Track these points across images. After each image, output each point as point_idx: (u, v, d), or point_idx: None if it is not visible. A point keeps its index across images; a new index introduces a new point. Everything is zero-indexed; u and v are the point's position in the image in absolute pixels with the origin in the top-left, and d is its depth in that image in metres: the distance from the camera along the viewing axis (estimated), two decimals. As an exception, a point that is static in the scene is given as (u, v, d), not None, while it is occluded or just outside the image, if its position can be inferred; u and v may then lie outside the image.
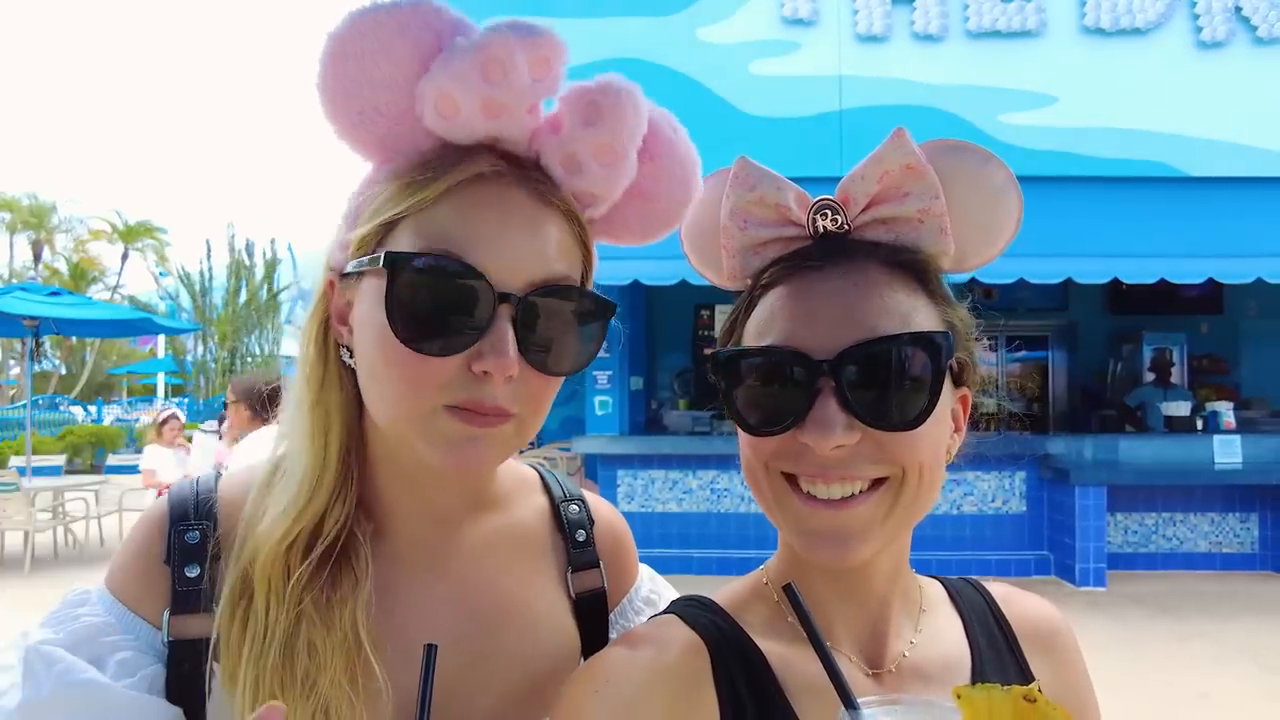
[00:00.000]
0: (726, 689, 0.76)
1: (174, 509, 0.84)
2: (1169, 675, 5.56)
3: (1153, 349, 10.33)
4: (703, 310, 10.93)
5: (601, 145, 0.81)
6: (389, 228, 0.78)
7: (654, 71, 9.28)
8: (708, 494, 8.68)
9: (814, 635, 0.69)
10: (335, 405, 0.84)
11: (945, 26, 9.27)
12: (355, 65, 0.75)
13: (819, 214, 0.80)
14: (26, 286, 12.14)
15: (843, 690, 0.66)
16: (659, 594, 1.07)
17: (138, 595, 0.80)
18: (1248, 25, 9.21)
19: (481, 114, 0.76)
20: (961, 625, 0.90)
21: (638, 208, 0.88)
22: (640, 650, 0.78)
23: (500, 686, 0.87)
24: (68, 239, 36.95)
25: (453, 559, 0.90)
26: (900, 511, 0.76)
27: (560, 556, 0.99)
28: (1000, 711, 0.59)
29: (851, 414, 0.73)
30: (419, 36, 0.75)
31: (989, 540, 8.57)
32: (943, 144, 0.79)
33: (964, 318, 0.83)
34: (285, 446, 0.87)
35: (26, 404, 11.64)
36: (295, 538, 0.79)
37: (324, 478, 0.82)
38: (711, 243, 0.87)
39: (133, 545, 0.83)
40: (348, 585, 0.80)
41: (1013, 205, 0.80)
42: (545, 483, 1.05)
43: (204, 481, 0.88)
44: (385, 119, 0.78)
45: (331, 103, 0.77)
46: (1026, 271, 7.48)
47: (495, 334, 0.75)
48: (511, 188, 0.78)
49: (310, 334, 0.85)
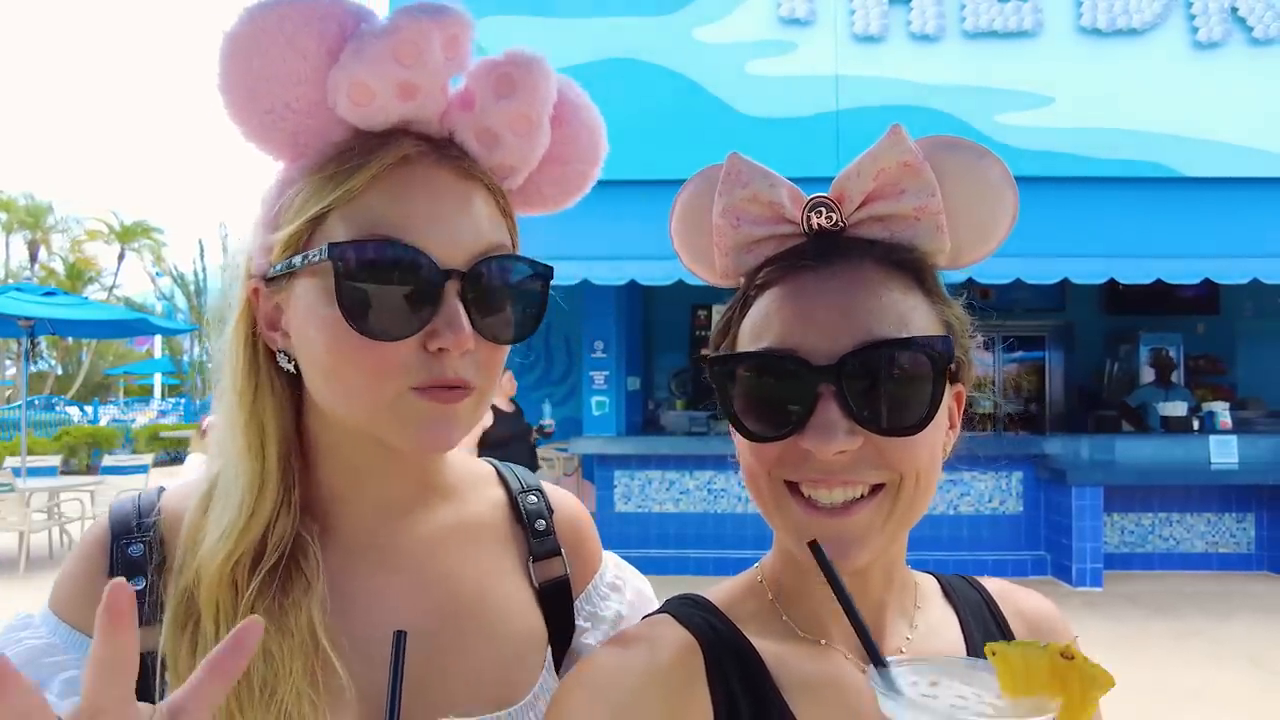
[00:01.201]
0: (721, 688, 0.75)
1: (115, 524, 0.83)
2: (1165, 674, 5.57)
3: (1149, 349, 10.35)
4: (700, 310, 10.93)
5: (517, 116, 0.81)
6: (317, 223, 0.77)
7: (650, 71, 9.29)
8: (705, 494, 8.68)
9: (841, 593, 0.68)
10: (270, 413, 0.82)
11: (942, 26, 9.28)
12: (261, 63, 0.74)
13: (813, 211, 0.79)
14: (22, 286, 12.10)
15: (871, 648, 0.66)
16: (624, 579, 1.07)
17: (82, 613, 0.78)
18: (1244, 26, 9.23)
19: (397, 98, 0.76)
20: (957, 621, 0.89)
21: (550, 173, 0.90)
22: (633, 650, 0.77)
23: (465, 674, 0.86)
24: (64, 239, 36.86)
25: (406, 551, 0.89)
26: (899, 516, 0.76)
27: (521, 546, 0.98)
28: (1036, 667, 0.57)
29: (853, 419, 0.72)
30: (323, 28, 0.74)
31: (986, 540, 8.58)
32: (939, 140, 0.78)
33: (960, 315, 0.82)
34: (220, 463, 0.84)
35: (22, 404, 11.60)
36: (240, 556, 0.78)
37: (266, 489, 0.80)
38: (702, 240, 0.85)
39: (75, 564, 0.82)
40: (300, 589, 0.79)
41: (1008, 202, 0.79)
42: (501, 476, 1.04)
43: (145, 496, 0.88)
44: (296, 114, 0.77)
45: (237, 104, 0.76)
46: (1023, 272, 7.49)
47: (447, 311, 0.76)
48: (436, 167, 0.79)
49: (237, 345, 0.84)
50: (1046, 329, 11.04)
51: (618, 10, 9.41)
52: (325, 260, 0.75)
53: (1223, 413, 9.34)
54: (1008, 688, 0.58)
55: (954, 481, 8.48)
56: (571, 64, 9.31)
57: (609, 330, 9.49)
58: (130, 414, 27.94)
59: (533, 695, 0.90)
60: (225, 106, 0.76)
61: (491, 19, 9.27)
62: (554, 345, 10.55)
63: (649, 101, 9.08)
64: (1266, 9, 9.18)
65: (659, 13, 9.43)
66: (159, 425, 23.91)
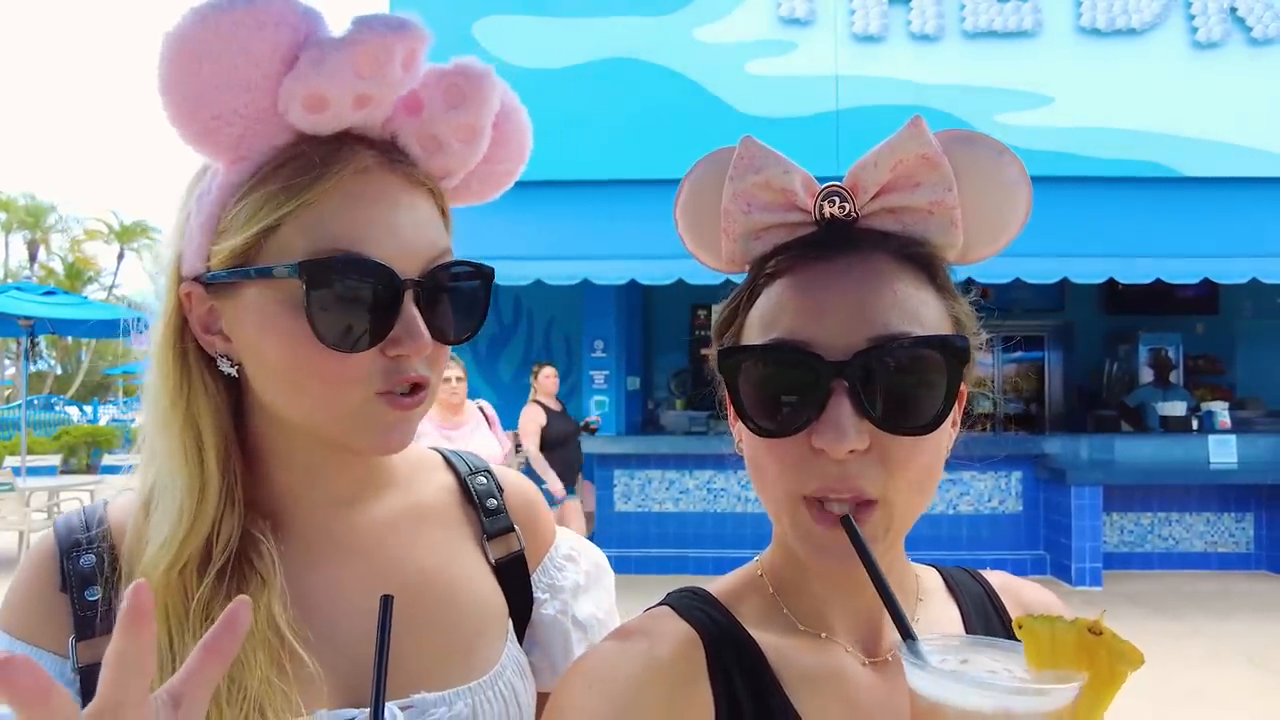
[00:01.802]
0: (722, 682, 0.75)
1: (62, 537, 0.82)
2: (1164, 673, 5.57)
3: (1149, 349, 10.35)
4: (700, 310, 10.93)
5: (463, 126, 0.83)
6: (269, 233, 0.76)
7: (650, 71, 9.29)
8: (704, 494, 8.68)
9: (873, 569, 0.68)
10: (205, 415, 0.81)
11: (942, 26, 9.29)
12: (210, 68, 0.72)
13: (826, 200, 0.77)
14: (22, 286, 12.10)
15: (900, 621, 0.65)
16: (579, 551, 1.10)
17: (38, 629, 0.78)
18: (1243, 26, 9.23)
19: (351, 107, 0.77)
20: (959, 614, 0.89)
21: (481, 171, 0.92)
22: (633, 644, 0.77)
23: (429, 651, 0.87)
24: (63, 239, 36.86)
25: (360, 540, 0.90)
26: (899, 523, 0.75)
27: (474, 526, 1.00)
28: (1063, 642, 0.57)
29: (865, 417, 0.70)
30: (277, 35, 0.72)
31: (985, 540, 8.59)
32: (958, 134, 0.77)
33: (968, 312, 0.81)
34: (153, 469, 0.83)
35: (22, 404, 11.59)
36: (185, 563, 0.77)
37: (207, 493, 0.80)
38: (709, 225, 0.83)
39: (23, 580, 0.81)
40: (255, 585, 0.79)
41: (1022, 200, 0.78)
42: (449, 461, 1.06)
43: (90, 508, 0.87)
44: (244, 120, 0.75)
45: (180, 107, 0.74)
46: (1023, 271, 7.49)
47: (405, 319, 0.78)
48: (386, 174, 0.80)
49: (166, 347, 0.82)
50: (1046, 329, 11.05)
51: (617, 10, 9.41)
52: (289, 276, 0.75)
53: (1222, 412, 9.34)
54: (1034, 661, 0.58)
55: (953, 481, 8.48)
56: (571, 64, 9.32)
57: (609, 330, 9.49)
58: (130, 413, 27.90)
59: (499, 667, 0.92)
60: (165, 108, 0.74)
61: (491, 19, 9.27)
62: (554, 345, 10.54)
63: (649, 101, 9.09)
64: (1265, 9, 9.18)
65: (659, 12, 9.42)
66: (158, 425, 23.85)
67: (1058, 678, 0.57)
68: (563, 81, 9.04)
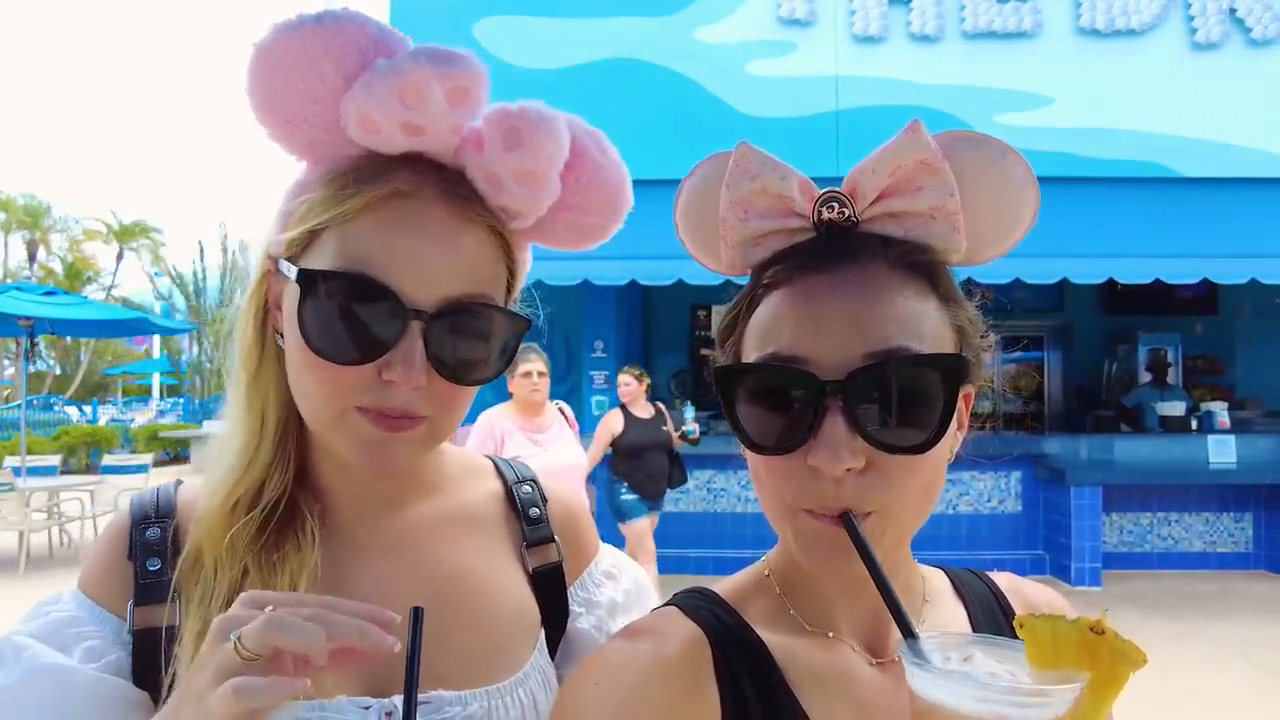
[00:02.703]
0: (728, 682, 0.75)
1: (135, 511, 0.90)
2: (1163, 673, 5.57)
3: (1148, 349, 10.35)
4: (699, 310, 10.92)
5: (522, 171, 0.83)
6: (314, 235, 0.81)
7: (651, 71, 9.29)
8: (704, 493, 8.68)
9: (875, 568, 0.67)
10: (272, 383, 0.87)
11: (941, 27, 9.29)
12: (281, 78, 0.78)
13: (825, 206, 0.75)
14: (21, 286, 12.08)
15: (901, 620, 0.65)
16: (620, 569, 1.10)
17: (104, 590, 0.85)
18: (1242, 27, 9.24)
19: (401, 133, 0.79)
20: (966, 615, 0.88)
21: (565, 219, 0.91)
22: (640, 643, 0.77)
23: (456, 652, 0.89)
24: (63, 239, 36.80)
25: (401, 539, 0.93)
26: (899, 530, 0.75)
27: (515, 534, 1.02)
28: (1065, 641, 0.56)
29: (859, 435, 0.70)
30: (343, 54, 0.77)
31: (984, 540, 8.59)
32: (961, 136, 0.75)
33: (972, 317, 0.80)
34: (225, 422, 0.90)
35: (21, 404, 11.59)
36: (236, 501, 0.84)
37: (261, 448, 0.86)
38: (709, 230, 0.82)
39: (99, 546, 0.89)
40: (290, 547, 0.84)
41: (1029, 201, 0.77)
42: (498, 468, 1.08)
43: (164, 488, 0.93)
44: (312, 128, 0.80)
45: (259, 109, 0.80)
46: (1022, 272, 7.49)
47: (404, 347, 0.78)
48: (431, 203, 0.81)
49: (249, 315, 0.88)
50: (1045, 329, 11.05)
51: (618, 10, 9.41)
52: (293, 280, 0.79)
53: (1221, 413, 9.35)
54: (1035, 661, 0.57)
55: (953, 481, 8.48)
56: (572, 64, 9.32)
57: (609, 330, 9.49)
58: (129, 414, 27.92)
59: (522, 674, 0.93)
60: (251, 109, 0.80)
61: (492, 19, 9.27)
62: (554, 345, 10.53)
63: (649, 101, 9.08)
64: (1265, 10, 9.18)
65: (659, 13, 9.42)
66: (158, 425, 23.89)
67: (1060, 678, 0.56)
68: (563, 82, 9.04)
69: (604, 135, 0.92)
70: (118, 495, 10.24)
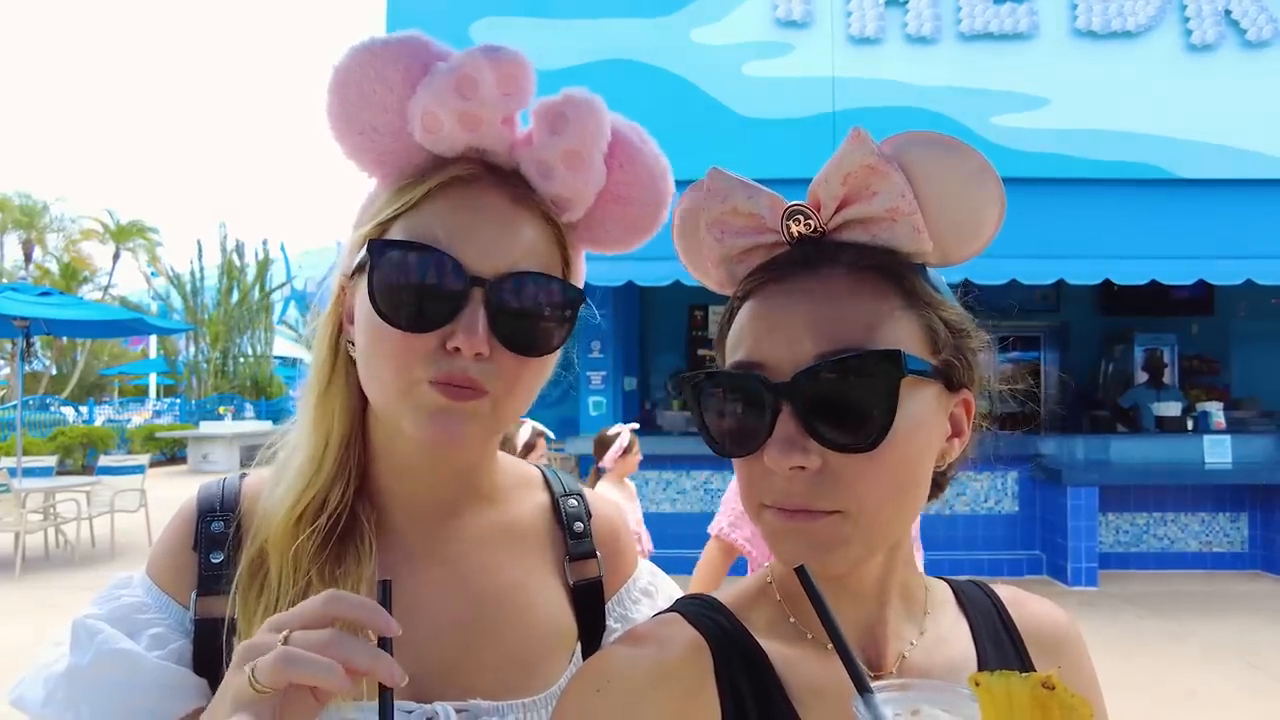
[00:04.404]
0: (729, 689, 0.75)
1: (201, 503, 0.94)
2: (1159, 674, 5.59)
3: (1144, 350, 10.38)
4: (696, 311, 10.94)
5: (568, 151, 0.88)
6: (384, 227, 0.87)
7: (648, 73, 9.29)
8: (702, 494, 8.69)
9: (825, 615, 0.67)
10: (340, 398, 0.91)
11: (938, 29, 9.30)
12: (355, 91, 0.85)
13: (791, 220, 0.78)
14: (17, 286, 12.04)
15: (855, 673, 0.64)
16: (657, 586, 1.12)
17: (170, 579, 0.90)
18: (1237, 29, 9.26)
19: (460, 127, 0.85)
20: (968, 628, 0.88)
21: (613, 212, 0.95)
22: (642, 649, 0.77)
23: (493, 663, 0.92)
24: (59, 238, 36.76)
25: (451, 548, 0.96)
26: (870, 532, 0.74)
27: (559, 547, 1.04)
28: (1019, 698, 0.57)
29: (810, 435, 0.71)
30: (409, 64, 0.85)
31: (981, 540, 8.60)
32: (911, 137, 0.76)
33: (952, 318, 0.79)
34: (292, 433, 0.95)
35: (17, 404, 11.55)
36: (302, 512, 0.87)
37: (324, 463, 0.90)
38: (699, 252, 0.86)
39: (167, 535, 0.93)
40: (351, 562, 0.87)
41: (991, 192, 0.75)
42: (547, 480, 1.11)
43: (229, 480, 0.97)
44: (383, 137, 0.87)
45: (337, 125, 0.87)
46: (1019, 272, 7.51)
47: (468, 315, 0.81)
48: (488, 190, 0.87)
49: (324, 334, 0.93)
50: (1042, 329, 11.08)
51: (615, 12, 9.42)
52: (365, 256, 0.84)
53: (1217, 413, 9.37)
54: (990, 717, 0.58)
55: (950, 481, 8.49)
56: (568, 65, 9.31)
57: (606, 331, 9.49)
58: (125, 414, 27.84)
59: (557, 687, 0.94)
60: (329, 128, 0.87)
61: (489, 20, 9.27)
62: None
63: (646, 103, 9.06)
64: (1260, 12, 9.21)
65: (656, 14, 9.43)
66: (154, 425, 23.84)
67: None
68: (560, 83, 8.78)
69: (642, 127, 0.97)
70: (114, 496, 10.22)
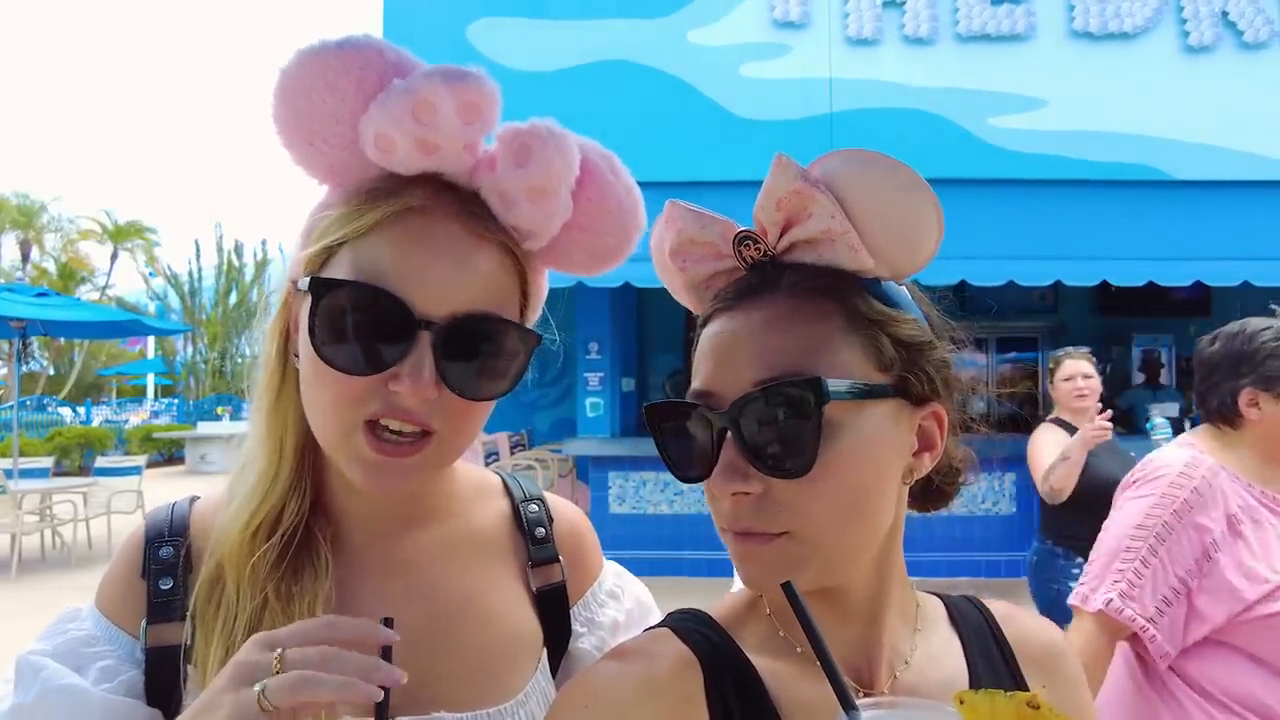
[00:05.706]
0: (718, 705, 0.74)
1: (150, 530, 0.91)
2: (1157, 675, 5.57)
3: (1141, 351, 10.39)
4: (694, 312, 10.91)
5: (532, 187, 0.84)
6: (331, 251, 0.83)
7: (644, 74, 9.29)
8: (699, 496, 8.62)
9: (811, 632, 0.67)
10: (292, 407, 0.88)
11: (935, 30, 9.31)
12: (304, 100, 0.80)
13: (742, 245, 0.80)
14: (14, 287, 12.02)
15: (841, 691, 0.64)
16: (623, 588, 1.10)
17: (119, 609, 0.87)
18: (1234, 30, 9.28)
19: (417, 152, 0.81)
20: (960, 645, 0.88)
21: (579, 240, 0.92)
22: (631, 664, 0.77)
23: (457, 673, 0.90)
24: (56, 239, 36.71)
25: (409, 561, 0.94)
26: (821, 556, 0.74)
27: (520, 554, 1.03)
28: (1003, 716, 0.58)
29: (749, 461, 0.73)
30: (362, 75, 0.79)
31: (978, 541, 8.60)
32: (835, 156, 0.77)
33: (908, 333, 0.78)
34: (246, 445, 0.92)
35: (14, 405, 11.53)
36: (257, 527, 0.85)
37: (280, 474, 0.87)
38: (671, 281, 0.89)
39: (115, 564, 0.90)
40: (308, 578, 0.85)
41: (923, 200, 0.74)
42: (507, 486, 1.09)
43: (179, 504, 0.95)
44: (331, 148, 0.82)
45: (282, 132, 0.82)
46: (1016, 274, 7.51)
47: (414, 358, 0.78)
48: (444, 220, 0.82)
49: (272, 339, 0.90)
50: (1039, 330, 11.08)
51: (612, 13, 9.41)
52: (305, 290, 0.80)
53: (1214, 414, 9.36)
54: None
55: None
56: (565, 66, 9.31)
57: (603, 332, 9.49)
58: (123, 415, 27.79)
59: (523, 695, 0.93)
60: (275, 133, 0.83)
61: (485, 21, 9.27)
62: (547, 347, 10.54)
63: (643, 104, 9.08)
64: (1257, 13, 9.23)
65: (653, 15, 9.43)
66: (152, 426, 23.80)
67: None
68: (557, 84, 9.04)
69: (618, 159, 0.94)
70: (110, 497, 10.20)
